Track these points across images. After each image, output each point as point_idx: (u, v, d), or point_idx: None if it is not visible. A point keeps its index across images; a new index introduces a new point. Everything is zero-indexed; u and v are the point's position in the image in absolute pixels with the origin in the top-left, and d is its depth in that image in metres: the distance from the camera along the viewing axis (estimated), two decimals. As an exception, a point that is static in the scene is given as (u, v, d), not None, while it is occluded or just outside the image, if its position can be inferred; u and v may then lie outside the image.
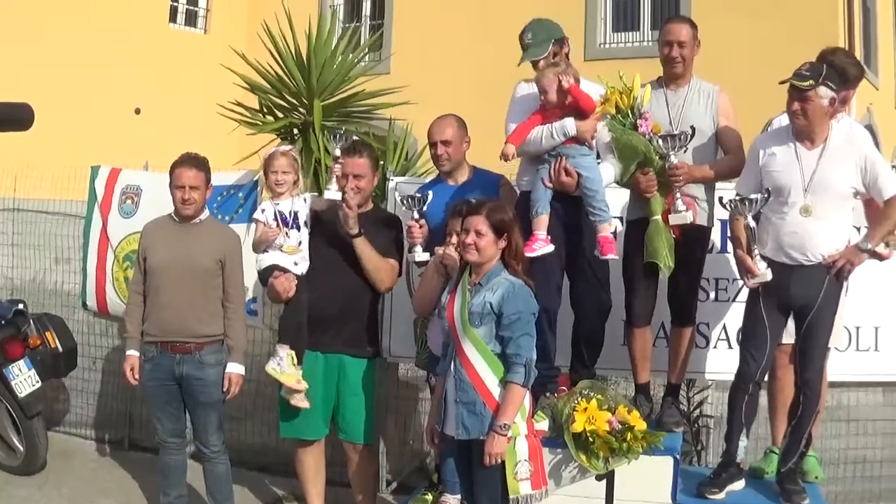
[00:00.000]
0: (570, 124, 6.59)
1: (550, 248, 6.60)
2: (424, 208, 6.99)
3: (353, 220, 6.94)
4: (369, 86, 10.40)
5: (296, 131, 10.15)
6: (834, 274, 6.42)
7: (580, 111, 6.61)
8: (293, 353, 7.06)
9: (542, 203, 6.65)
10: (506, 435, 5.77)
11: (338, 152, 7.29)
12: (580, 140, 6.63)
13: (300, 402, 7.08)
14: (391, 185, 8.35)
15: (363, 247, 7.02)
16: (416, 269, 7.28)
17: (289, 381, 7.04)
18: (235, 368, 7.28)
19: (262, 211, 7.15)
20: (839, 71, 6.60)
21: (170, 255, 7.21)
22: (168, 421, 7.40)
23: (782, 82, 6.39)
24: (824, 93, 6.30)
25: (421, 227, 6.97)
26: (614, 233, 7.08)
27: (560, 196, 6.69)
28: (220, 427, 7.41)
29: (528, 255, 6.36)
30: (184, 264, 7.18)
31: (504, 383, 5.81)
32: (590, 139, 6.68)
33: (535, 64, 6.96)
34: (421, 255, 6.93)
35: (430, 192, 7.08)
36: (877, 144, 7.18)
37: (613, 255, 6.65)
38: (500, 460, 5.80)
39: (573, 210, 6.73)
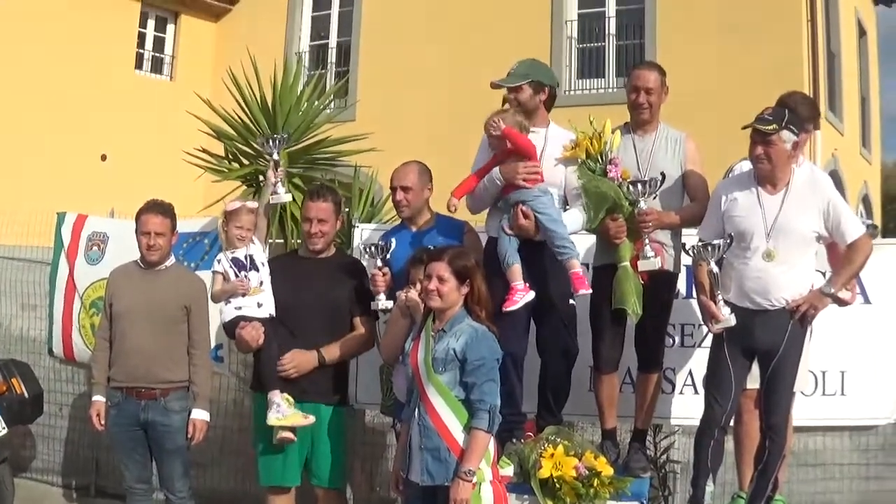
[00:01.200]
0: (495, 171, 6.64)
1: (531, 295, 6.59)
2: (388, 256, 6.96)
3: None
4: (335, 133, 10.42)
5: (261, 178, 9.99)
6: (798, 319, 6.44)
7: (521, 154, 6.62)
8: (286, 395, 6.86)
9: (510, 253, 6.65)
10: (470, 481, 5.70)
11: (276, 156, 7.28)
12: (519, 184, 6.62)
13: (287, 434, 6.87)
14: (357, 231, 8.33)
15: (334, 355, 7.04)
16: (382, 317, 7.24)
17: (297, 422, 6.83)
18: (200, 415, 7.27)
19: (219, 262, 7.05)
20: (791, 111, 6.63)
21: (135, 301, 7.23)
22: (134, 467, 7.38)
23: (745, 127, 6.44)
24: (787, 137, 6.34)
25: (384, 275, 6.92)
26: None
27: (525, 243, 6.68)
28: (185, 474, 7.39)
29: (509, 308, 6.42)
30: (149, 310, 7.20)
31: (468, 429, 5.76)
32: (520, 180, 6.60)
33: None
34: (384, 302, 6.89)
35: (393, 240, 7.06)
36: (841, 189, 7.25)
37: (586, 291, 6.59)
38: None
39: (539, 256, 6.72)
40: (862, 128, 26.94)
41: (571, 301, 6.76)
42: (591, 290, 6.67)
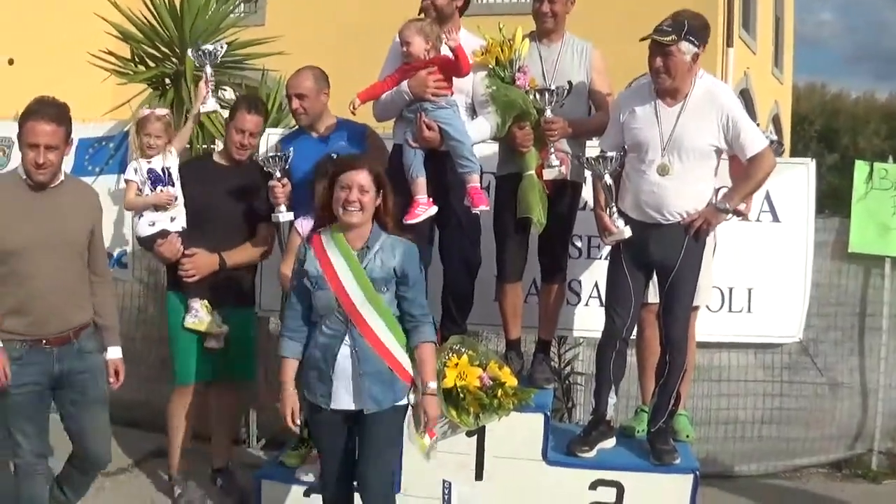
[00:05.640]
0: (403, 86, 6.52)
1: (434, 209, 6.52)
2: (287, 166, 6.87)
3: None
4: (243, 36, 10.23)
5: (167, 81, 9.98)
6: (693, 234, 6.39)
7: (452, 72, 6.50)
8: (205, 301, 7.07)
9: (415, 166, 6.55)
10: (436, 395, 5.66)
11: (209, 69, 7.29)
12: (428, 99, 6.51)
13: (213, 343, 7.14)
14: (263, 136, 8.18)
15: (234, 259, 7.19)
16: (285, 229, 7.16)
17: (211, 329, 7.06)
18: (117, 353, 6.28)
19: (135, 171, 7.02)
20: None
21: (34, 234, 5.73)
22: (37, 437, 5.91)
23: (643, 38, 6.33)
24: (686, 48, 6.24)
25: (283, 186, 6.86)
26: (488, 188, 7.04)
27: (431, 154, 6.58)
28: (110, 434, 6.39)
29: (410, 221, 6.31)
30: (53, 243, 5.81)
31: (420, 344, 5.63)
32: (430, 94, 6.48)
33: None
34: (285, 214, 6.85)
35: (291, 149, 6.95)
36: (752, 108, 7.22)
37: (485, 207, 6.52)
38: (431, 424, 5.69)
39: (442, 167, 6.63)
40: (775, 48, 27.17)
41: (475, 210, 6.68)
42: (489, 207, 6.63)
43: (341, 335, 5.56)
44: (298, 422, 5.79)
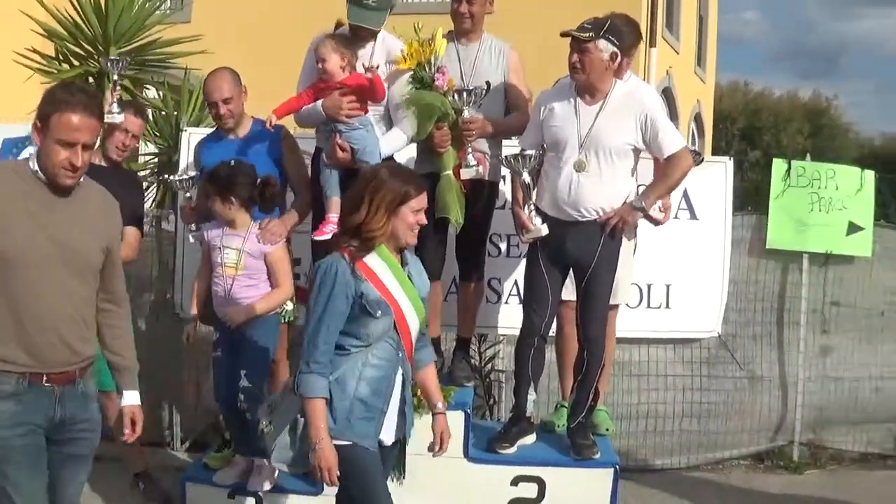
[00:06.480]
0: (319, 105, 6.50)
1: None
2: (192, 190, 6.84)
3: None
4: (168, 34, 10.18)
5: (91, 80, 9.86)
6: (609, 233, 6.44)
7: (362, 93, 6.49)
8: None
9: (330, 185, 6.57)
10: (445, 414, 5.34)
11: (115, 77, 7.21)
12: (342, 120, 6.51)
13: None
14: (185, 135, 8.22)
15: None
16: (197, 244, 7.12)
17: None
18: (135, 398, 5.06)
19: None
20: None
21: (47, 243, 4.59)
22: (37, 492, 4.64)
23: (563, 34, 6.38)
24: (604, 46, 6.30)
25: (192, 208, 6.86)
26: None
27: (350, 171, 6.48)
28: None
29: (318, 237, 6.32)
30: (68, 257, 4.67)
31: (427, 364, 5.31)
32: (343, 116, 6.46)
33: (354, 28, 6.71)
34: (195, 234, 6.82)
35: (197, 175, 6.89)
36: (674, 107, 7.30)
37: None
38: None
39: None
40: (698, 47, 27.40)
41: None
42: None
43: (395, 363, 4.94)
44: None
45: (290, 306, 6.79)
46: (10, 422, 4.51)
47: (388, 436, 4.98)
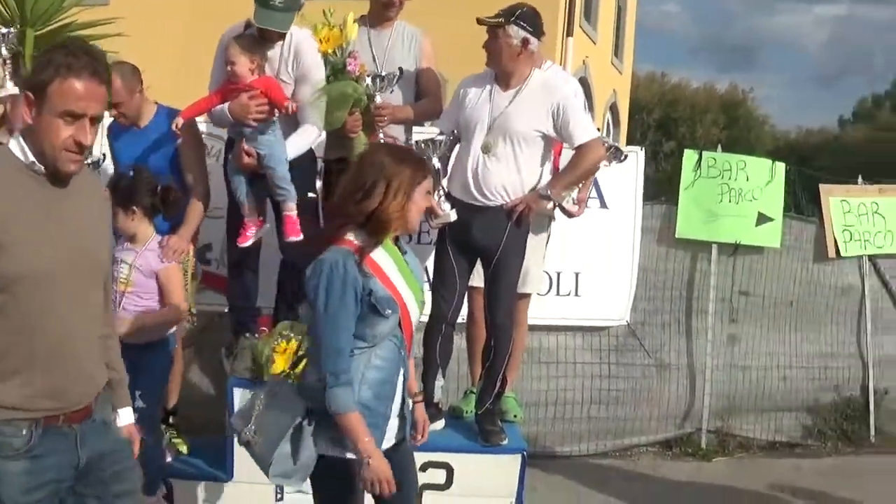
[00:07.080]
0: (226, 107, 6.42)
1: (265, 228, 6.60)
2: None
3: None
4: (85, 16, 10.03)
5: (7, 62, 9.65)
6: (515, 220, 6.45)
7: (271, 98, 6.41)
8: None
9: (240, 190, 6.57)
10: (421, 402, 5.14)
11: (4, 51, 6.99)
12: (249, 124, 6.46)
13: None
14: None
15: None
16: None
17: None
18: (129, 416, 4.33)
19: None
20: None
21: (55, 251, 3.69)
22: None
23: (479, 21, 6.43)
24: (514, 32, 6.32)
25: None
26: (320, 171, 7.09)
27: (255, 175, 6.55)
28: None
29: (243, 244, 6.39)
30: (81, 266, 3.81)
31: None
32: (250, 120, 6.39)
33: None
34: None
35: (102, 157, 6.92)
36: (590, 97, 7.33)
37: (295, 238, 6.46)
38: None
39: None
40: (616, 38, 27.57)
41: (311, 195, 6.70)
42: (299, 237, 6.46)
43: (398, 363, 4.62)
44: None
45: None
46: (23, 487, 3.64)
47: (388, 441, 4.61)
